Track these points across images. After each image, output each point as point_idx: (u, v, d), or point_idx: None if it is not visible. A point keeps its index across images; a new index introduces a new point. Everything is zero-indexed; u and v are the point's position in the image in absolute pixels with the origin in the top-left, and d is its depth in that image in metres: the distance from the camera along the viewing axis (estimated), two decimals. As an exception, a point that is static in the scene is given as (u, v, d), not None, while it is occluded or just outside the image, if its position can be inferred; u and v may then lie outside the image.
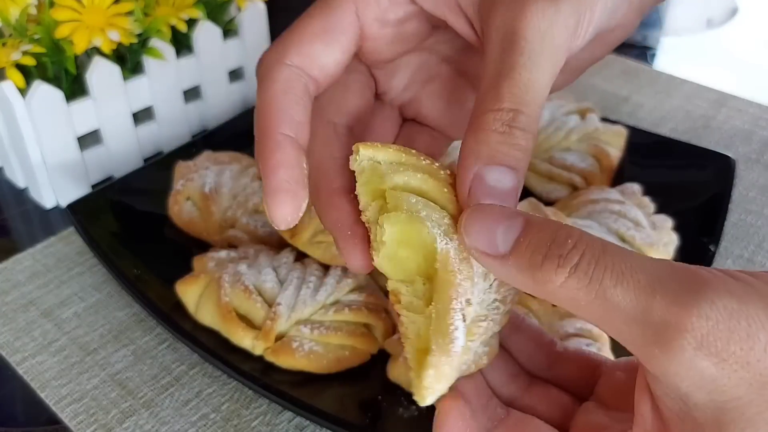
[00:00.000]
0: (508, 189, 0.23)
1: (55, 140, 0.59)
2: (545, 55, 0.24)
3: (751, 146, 0.69)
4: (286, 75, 0.26)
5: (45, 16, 0.56)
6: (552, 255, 0.21)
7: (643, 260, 0.20)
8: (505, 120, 0.23)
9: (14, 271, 0.55)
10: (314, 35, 0.26)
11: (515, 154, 0.23)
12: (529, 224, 0.22)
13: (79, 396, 0.46)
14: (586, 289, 0.20)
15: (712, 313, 0.19)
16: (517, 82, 0.23)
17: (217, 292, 0.47)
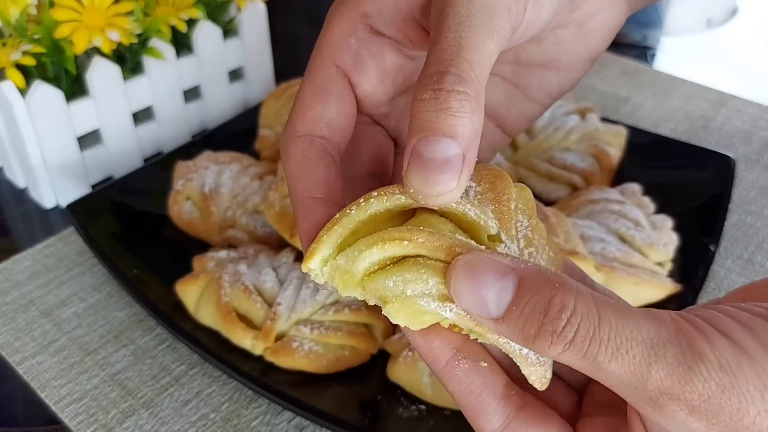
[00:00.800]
0: (447, 158, 0.21)
1: (55, 140, 0.59)
2: (475, 16, 0.23)
3: (751, 146, 0.69)
4: (300, 146, 0.27)
5: (45, 16, 0.56)
6: (545, 331, 0.20)
7: (641, 328, 0.20)
8: (429, 85, 0.22)
9: (14, 271, 0.55)
10: (311, 99, 0.27)
11: (448, 120, 0.21)
12: (522, 285, 0.21)
13: (79, 396, 0.46)
14: (581, 361, 0.20)
15: (704, 390, 0.20)
16: (442, 44, 0.22)
17: (217, 292, 0.47)
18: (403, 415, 0.43)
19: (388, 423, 0.43)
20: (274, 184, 0.53)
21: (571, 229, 0.49)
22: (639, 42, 0.89)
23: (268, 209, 0.52)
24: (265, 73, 0.74)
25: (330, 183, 0.26)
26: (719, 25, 0.92)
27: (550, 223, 0.49)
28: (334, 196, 0.26)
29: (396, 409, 0.43)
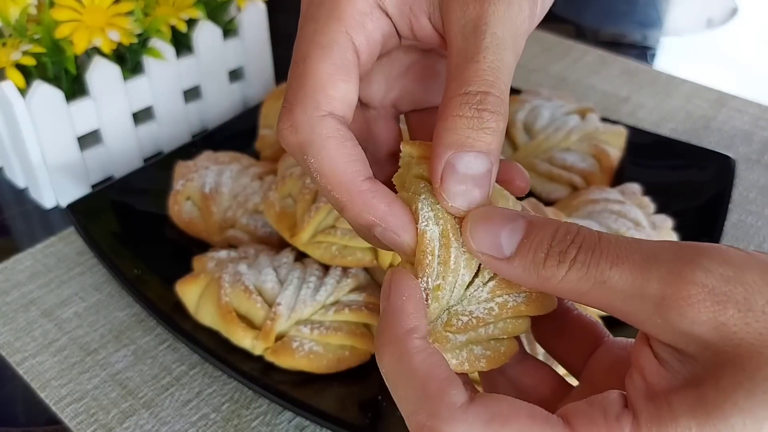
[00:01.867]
0: (480, 174, 0.24)
1: (55, 140, 0.59)
2: (508, 39, 0.24)
3: (751, 146, 0.69)
4: (333, 126, 0.25)
5: (45, 16, 0.56)
6: (553, 252, 0.22)
7: (639, 241, 0.22)
8: (472, 104, 0.23)
9: (14, 271, 0.55)
10: (333, 76, 0.25)
11: (485, 138, 0.23)
12: (531, 225, 0.23)
13: (80, 396, 0.46)
14: (585, 278, 0.21)
15: (707, 279, 0.20)
16: (482, 65, 0.24)
17: (217, 292, 0.47)
18: (404, 415, 0.43)
19: (389, 423, 0.43)
20: (275, 184, 0.53)
21: (572, 229, 0.49)
22: (639, 42, 0.89)
23: (268, 209, 0.52)
24: (265, 73, 0.74)
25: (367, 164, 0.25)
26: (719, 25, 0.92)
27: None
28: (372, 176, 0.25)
29: (396, 409, 0.43)
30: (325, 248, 0.48)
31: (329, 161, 0.25)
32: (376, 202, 0.25)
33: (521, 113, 0.63)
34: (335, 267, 0.48)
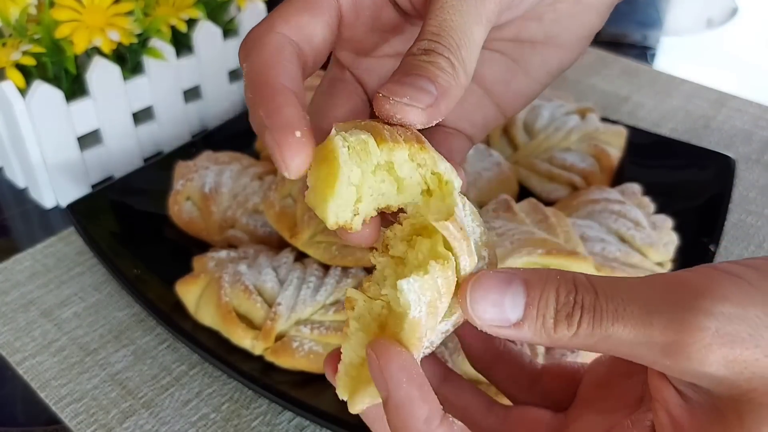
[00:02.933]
0: (422, 88, 0.23)
1: (55, 140, 0.59)
2: (466, 1, 0.25)
3: (751, 146, 0.69)
4: (277, 40, 0.25)
5: (45, 16, 0.56)
6: (560, 317, 0.22)
7: (633, 288, 0.22)
8: (422, 46, 0.24)
9: (14, 271, 0.55)
10: (299, 8, 0.26)
11: (432, 69, 0.24)
12: (528, 285, 0.23)
13: (79, 396, 0.46)
14: (591, 335, 0.22)
15: (710, 323, 0.20)
16: (433, 21, 0.24)
17: (217, 292, 0.47)
18: (404, 415, 0.43)
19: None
20: (274, 184, 0.53)
21: (571, 229, 0.49)
22: (639, 42, 0.89)
23: (268, 209, 0.52)
24: (265, 73, 0.73)
25: (299, 82, 0.25)
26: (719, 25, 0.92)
27: (550, 223, 0.49)
28: (301, 97, 0.25)
29: (396, 409, 0.43)
30: (325, 248, 0.48)
31: (257, 63, 0.25)
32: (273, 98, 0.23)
33: (521, 113, 0.63)
34: (335, 267, 0.48)
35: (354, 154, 0.23)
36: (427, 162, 0.24)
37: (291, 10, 0.26)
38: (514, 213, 0.50)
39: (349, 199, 0.23)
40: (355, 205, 0.24)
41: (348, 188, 0.23)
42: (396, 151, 0.24)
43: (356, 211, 0.24)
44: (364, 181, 0.24)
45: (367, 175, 0.24)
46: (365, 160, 0.24)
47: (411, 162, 0.24)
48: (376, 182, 0.24)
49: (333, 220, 0.23)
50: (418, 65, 0.24)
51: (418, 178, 0.24)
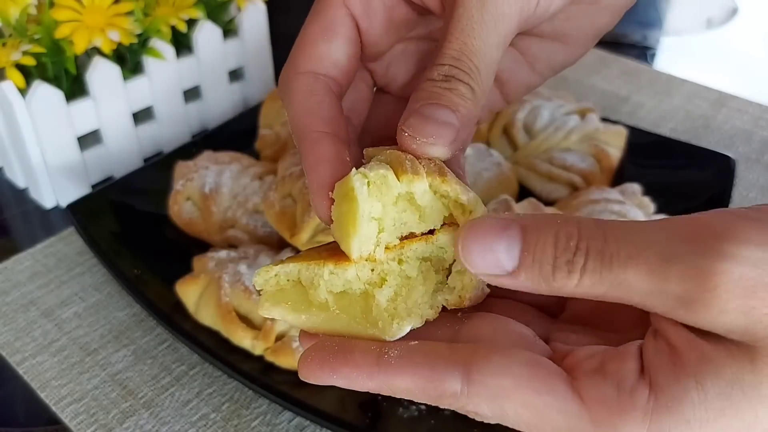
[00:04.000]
0: (445, 122, 0.24)
1: (55, 140, 0.59)
2: (486, 22, 0.25)
3: (751, 146, 0.69)
4: (304, 82, 0.26)
5: (45, 16, 0.56)
6: (560, 264, 0.21)
7: (648, 232, 0.20)
8: (442, 72, 0.25)
9: (14, 271, 0.55)
10: (315, 37, 0.27)
11: (453, 98, 0.24)
12: (526, 230, 0.22)
13: (80, 396, 0.46)
14: (599, 282, 0.20)
15: (733, 267, 0.19)
16: (453, 45, 0.25)
17: (217, 292, 0.47)
18: (404, 415, 0.43)
19: (389, 423, 0.43)
20: (274, 184, 0.53)
21: (571, 229, 0.49)
22: (639, 42, 0.89)
23: (268, 209, 0.52)
24: (265, 73, 0.73)
25: (337, 120, 0.26)
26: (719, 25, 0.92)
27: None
28: (342, 134, 0.26)
29: (396, 409, 0.43)
30: (325, 248, 0.48)
31: (292, 113, 0.26)
32: (311, 150, 0.25)
33: (521, 113, 0.63)
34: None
35: (375, 189, 0.24)
36: (449, 194, 0.24)
37: (308, 41, 0.27)
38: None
39: (371, 233, 0.24)
40: (378, 236, 0.24)
41: (369, 224, 0.24)
42: (416, 183, 0.24)
43: (378, 242, 0.24)
44: (385, 213, 0.24)
45: (389, 208, 0.24)
46: (386, 194, 0.24)
47: (432, 194, 0.25)
48: (397, 212, 0.25)
49: (356, 254, 0.24)
50: (439, 94, 0.24)
51: (440, 206, 0.25)
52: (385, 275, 0.25)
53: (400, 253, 0.25)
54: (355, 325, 0.25)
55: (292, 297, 0.25)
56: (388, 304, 0.25)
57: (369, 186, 0.24)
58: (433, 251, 0.25)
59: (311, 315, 0.25)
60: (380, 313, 0.24)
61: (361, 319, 0.25)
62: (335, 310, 0.25)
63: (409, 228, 0.25)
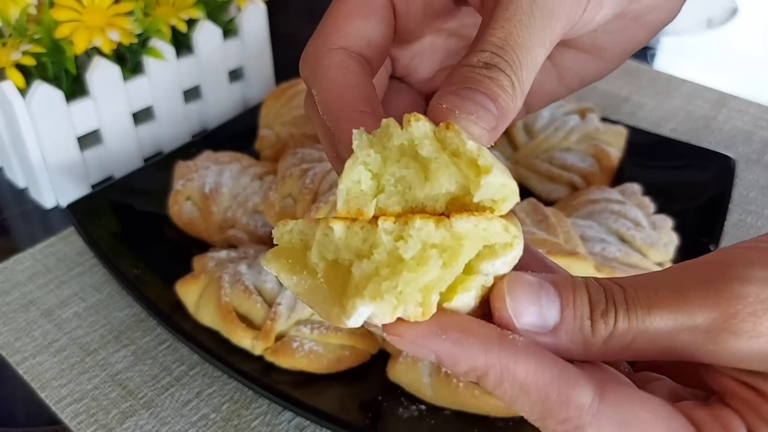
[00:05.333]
0: (485, 107, 0.21)
1: (55, 140, 0.59)
2: (535, 16, 0.23)
3: (751, 146, 0.69)
4: (338, 58, 0.24)
5: (45, 16, 0.56)
6: (597, 318, 0.20)
7: (658, 276, 0.21)
8: (483, 58, 0.22)
9: (14, 271, 0.55)
10: (350, 12, 0.25)
11: (493, 88, 0.22)
12: (559, 286, 0.21)
13: (80, 396, 0.46)
14: (627, 332, 0.20)
15: (748, 289, 0.19)
16: (498, 32, 0.22)
17: (217, 292, 0.47)
18: (404, 415, 0.43)
19: (389, 423, 0.42)
20: (274, 184, 0.53)
21: (571, 229, 0.49)
22: (639, 42, 0.89)
23: (268, 209, 0.52)
24: (265, 73, 0.73)
25: (376, 101, 0.24)
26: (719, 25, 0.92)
27: (550, 223, 0.49)
28: (381, 116, 0.23)
29: (396, 409, 0.43)
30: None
31: (326, 90, 0.24)
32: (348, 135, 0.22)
33: (521, 113, 0.63)
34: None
35: (375, 140, 0.21)
36: (458, 147, 0.20)
37: (342, 16, 0.25)
38: (514, 213, 0.50)
39: (364, 181, 0.21)
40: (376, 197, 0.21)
41: (362, 171, 0.21)
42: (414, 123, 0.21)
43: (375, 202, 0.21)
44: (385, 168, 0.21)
45: (389, 163, 0.21)
46: (386, 144, 0.21)
47: (437, 144, 0.21)
48: (399, 168, 0.21)
49: (342, 202, 0.21)
50: (479, 79, 0.22)
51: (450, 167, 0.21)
52: (375, 246, 0.21)
53: (401, 228, 0.21)
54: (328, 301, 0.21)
55: (294, 256, 0.22)
56: (362, 282, 0.20)
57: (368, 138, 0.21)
58: (446, 239, 0.20)
59: (300, 279, 0.22)
60: (350, 290, 0.21)
61: (335, 295, 0.21)
62: (321, 279, 0.22)
63: (415, 194, 0.21)
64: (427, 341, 0.20)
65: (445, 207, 0.21)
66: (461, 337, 0.20)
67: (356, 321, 0.20)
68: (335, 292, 0.21)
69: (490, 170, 0.20)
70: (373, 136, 0.21)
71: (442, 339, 0.20)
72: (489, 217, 0.21)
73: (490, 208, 0.21)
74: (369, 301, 0.20)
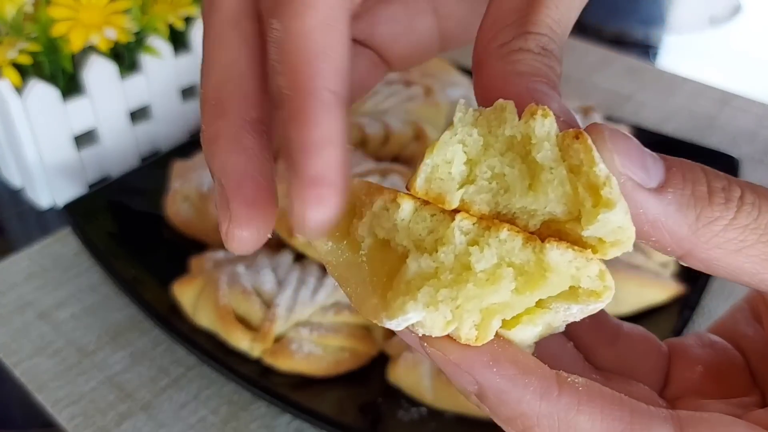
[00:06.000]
0: (560, 108, 0.18)
1: (52, 139, 0.59)
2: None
3: (755, 146, 0.68)
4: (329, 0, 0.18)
5: (41, 14, 0.56)
6: (716, 188, 0.17)
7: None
8: (541, 43, 0.19)
9: (10, 272, 0.55)
10: None
11: (554, 78, 0.19)
12: (666, 159, 0.18)
13: (76, 398, 0.45)
14: (755, 227, 0.17)
15: None
16: (551, 14, 0.19)
17: (214, 293, 0.46)
18: (404, 418, 0.42)
19: (389, 426, 0.42)
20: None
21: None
22: (642, 40, 0.89)
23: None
24: (264, 71, 0.73)
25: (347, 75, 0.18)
26: (723, 22, 0.92)
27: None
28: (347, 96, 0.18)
29: (396, 411, 0.43)
30: (324, 249, 0.48)
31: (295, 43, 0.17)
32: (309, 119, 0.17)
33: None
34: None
35: (482, 119, 0.18)
36: (583, 163, 0.16)
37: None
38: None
39: (457, 164, 0.17)
40: (464, 186, 0.18)
41: (455, 149, 0.17)
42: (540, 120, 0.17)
43: (462, 190, 0.17)
44: (484, 157, 0.17)
45: (491, 152, 0.17)
46: (495, 129, 0.17)
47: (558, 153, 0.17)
48: (501, 163, 0.17)
49: (421, 182, 0.17)
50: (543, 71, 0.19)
51: (563, 185, 0.17)
52: (442, 243, 0.17)
53: (481, 233, 0.17)
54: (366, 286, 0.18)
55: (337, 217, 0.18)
56: (417, 281, 0.17)
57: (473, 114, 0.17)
58: (529, 263, 0.17)
59: (337, 248, 0.19)
60: (399, 285, 0.17)
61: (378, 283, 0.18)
62: (363, 257, 0.18)
63: (510, 200, 0.17)
64: (474, 369, 0.17)
65: (539, 227, 0.18)
66: (517, 375, 0.17)
67: (398, 324, 0.17)
68: (377, 279, 0.18)
69: (614, 206, 0.16)
70: (480, 114, 0.18)
71: (492, 371, 0.17)
72: (588, 257, 0.17)
73: (594, 246, 0.17)
74: (423, 307, 0.17)
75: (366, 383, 0.45)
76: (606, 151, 0.17)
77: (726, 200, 0.17)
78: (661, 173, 0.17)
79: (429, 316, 0.17)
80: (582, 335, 0.23)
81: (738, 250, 0.17)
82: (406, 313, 0.17)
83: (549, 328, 0.18)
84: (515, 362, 0.17)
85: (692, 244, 0.17)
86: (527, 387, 0.17)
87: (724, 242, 0.17)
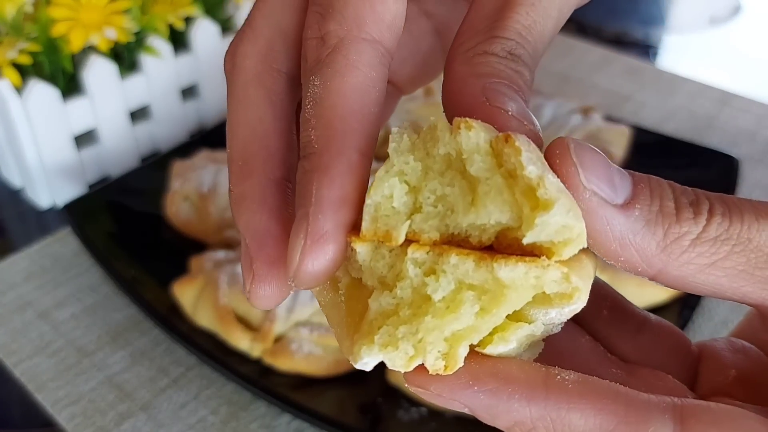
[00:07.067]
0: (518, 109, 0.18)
1: (51, 139, 0.59)
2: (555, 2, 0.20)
3: (754, 146, 0.68)
4: (369, 57, 0.18)
5: (41, 14, 0.56)
6: (683, 203, 0.17)
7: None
8: (507, 47, 0.18)
9: (10, 272, 0.55)
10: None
11: (521, 84, 0.18)
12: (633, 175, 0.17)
13: (76, 398, 0.45)
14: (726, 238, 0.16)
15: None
16: (522, 18, 0.19)
17: (214, 293, 0.46)
18: (404, 418, 0.42)
19: (389, 426, 0.42)
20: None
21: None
22: (642, 40, 0.89)
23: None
24: (264, 71, 0.73)
25: (377, 130, 0.19)
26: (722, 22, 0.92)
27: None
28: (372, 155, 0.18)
29: (396, 412, 0.43)
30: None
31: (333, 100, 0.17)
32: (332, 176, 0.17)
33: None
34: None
35: (419, 143, 0.17)
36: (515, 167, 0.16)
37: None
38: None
39: (397, 196, 0.17)
40: (411, 217, 0.17)
41: (396, 182, 0.17)
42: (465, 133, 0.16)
43: (409, 222, 0.17)
44: (425, 181, 0.17)
45: (431, 176, 0.17)
46: (430, 150, 0.17)
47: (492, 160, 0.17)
48: (441, 185, 0.17)
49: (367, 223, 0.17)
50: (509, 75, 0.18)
51: (503, 193, 0.16)
52: (400, 278, 0.17)
53: (435, 260, 0.17)
54: (343, 327, 0.18)
55: None
56: (378, 320, 0.17)
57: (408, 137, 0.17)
58: (487, 281, 0.17)
59: (323, 289, 0.19)
60: (363, 326, 0.17)
61: (351, 324, 0.18)
62: (341, 296, 0.18)
63: (456, 219, 0.17)
64: (456, 394, 0.17)
65: (495, 238, 0.17)
66: (498, 388, 0.16)
67: (365, 365, 0.17)
68: (351, 319, 0.18)
69: (551, 207, 0.16)
70: (417, 137, 0.17)
71: (474, 390, 0.17)
72: (544, 264, 0.16)
73: (548, 249, 0.16)
74: (379, 349, 0.17)
75: (366, 383, 0.45)
76: (570, 165, 0.16)
77: (695, 214, 0.17)
78: (628, 189, 0.17)
79: (388, 356, 0.17)
80: (600, 327, 0.22)
81: (711, 264, 0.17)
82: (362, 358, 0.17)
83: (531, 339, 0.18)
84: (494, 375, 0.17)
85: (663, 263, 0.17)
86: (512, 396, 0.17)
87: (695, 257, 0.17)
